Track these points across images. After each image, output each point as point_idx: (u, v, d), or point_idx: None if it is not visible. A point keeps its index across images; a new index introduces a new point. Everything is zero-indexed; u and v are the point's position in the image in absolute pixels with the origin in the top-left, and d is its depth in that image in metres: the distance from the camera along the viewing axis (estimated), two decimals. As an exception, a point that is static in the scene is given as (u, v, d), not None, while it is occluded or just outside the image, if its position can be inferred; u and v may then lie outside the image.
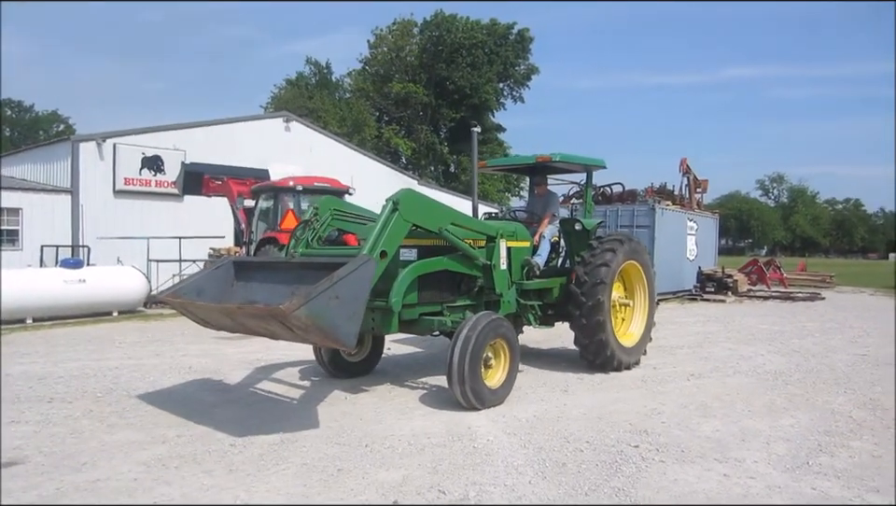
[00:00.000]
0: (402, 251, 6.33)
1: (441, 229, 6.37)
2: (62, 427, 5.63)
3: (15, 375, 7.70)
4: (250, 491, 4.18)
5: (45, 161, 19.91)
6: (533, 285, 7.72)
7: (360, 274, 5.05)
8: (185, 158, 19.89)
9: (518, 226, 7.97)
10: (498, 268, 7.00)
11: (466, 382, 5.86)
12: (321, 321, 4.73)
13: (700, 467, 4.68)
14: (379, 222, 5.88)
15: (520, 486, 4.30)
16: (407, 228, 6.03)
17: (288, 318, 4.64)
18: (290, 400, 6.59)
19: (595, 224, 8.40)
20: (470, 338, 5.89)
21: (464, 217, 6.85)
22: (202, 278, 6.46)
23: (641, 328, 8.50)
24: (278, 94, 50.52)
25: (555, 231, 8.38)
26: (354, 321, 4.95)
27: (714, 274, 19.92)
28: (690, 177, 22.15)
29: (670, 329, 12.20)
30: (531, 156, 8.32)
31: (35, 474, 4.47)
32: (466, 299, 7.12)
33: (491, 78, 51.61)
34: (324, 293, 4.73)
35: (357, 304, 5.00)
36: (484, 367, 6.12)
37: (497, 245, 7.00)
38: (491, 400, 6.15)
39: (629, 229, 17.51)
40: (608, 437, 5.35)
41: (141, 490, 4.20)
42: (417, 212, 6.13)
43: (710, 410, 6.26)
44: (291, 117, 24.89)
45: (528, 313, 7.57)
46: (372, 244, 5.67)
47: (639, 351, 8.37)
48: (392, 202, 5.96)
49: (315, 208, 7.02)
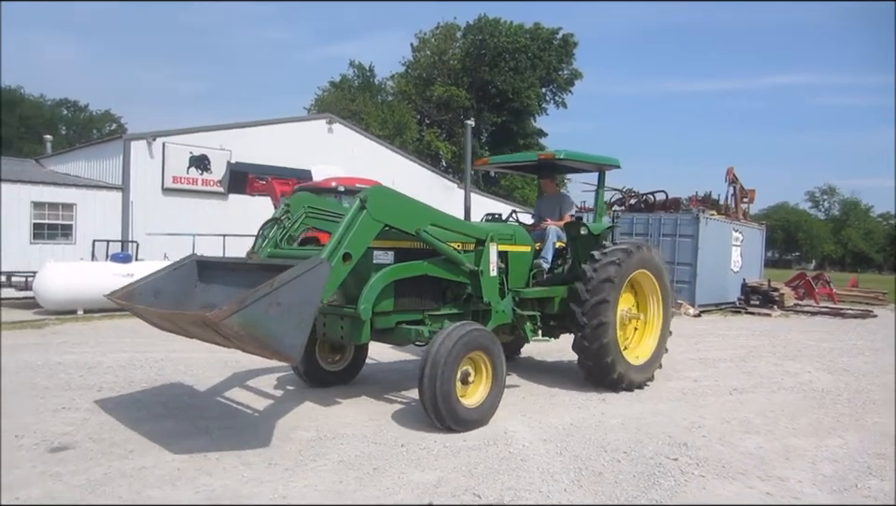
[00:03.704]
0: (377, 254, 5.88)
1: (418, 230, 5.81)
2: (110, 414, 5.82)
3: (67, 364, 7.99)
4: (288, 485, 4.25)
5: (98, 159, 20.63)
6: (530, 293, 7.12)
7: (308, 278, 4.50)
8: (230, 158, 20.39)
9: (517, 228, 7.44)
10: (487, 274, 6.41)
11: (438, 401, 5.26)
12: (257, 331, 4.24)
13: (741, 484, 4.57)
14: (343, 221, 5.35)
15: (555, 494, 4.27)
16: (377, 228, 5.49)
17: (219, 327, 4.20)
18: (329, 397, 6.67)
19: (603, 228, 7.73)
20: (441, 352, 5.29)
21: (448, 219, 6.27)
22: (161, 278, 5.85)
23: (654, 343, 7.78)
24: (322, 96, 51.26)
25: (561, 235, 7.73)
26: (299, 332, 4.44)
27: (759, 287, 19.41)
28: (736, 187, 21.66)
29: (712, 341, 11.94)
30: (534, 153, 7.94)
31: (84, 459, 4.63)
32: (452, 307, 6.54)
33: (534, 83, 51.43)
34: (261, 300, 4.23)
35: (304, 313, 4.46)
36: (463, 383, 5.57)
37: (486, 248, 6.42)
38: (470, 420, 5.52)
39: (671, 238, 17.28)
40: (646, 448, 5.27)
41: (184, 479, 4.31)
42: (389, 211, 5.57)
43: (753, 426, 6.10)
44: (334, 118, 25.26)
45: (525, 323, 6.94)
46: (334, 245, 5.16)
47: (652, 368, 7.69)
48: (359, 199, 5.44)
49: (286, 205, 6.41)
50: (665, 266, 8.09)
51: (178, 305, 5.57)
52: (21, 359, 8.27)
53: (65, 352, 8.83)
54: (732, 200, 21.64)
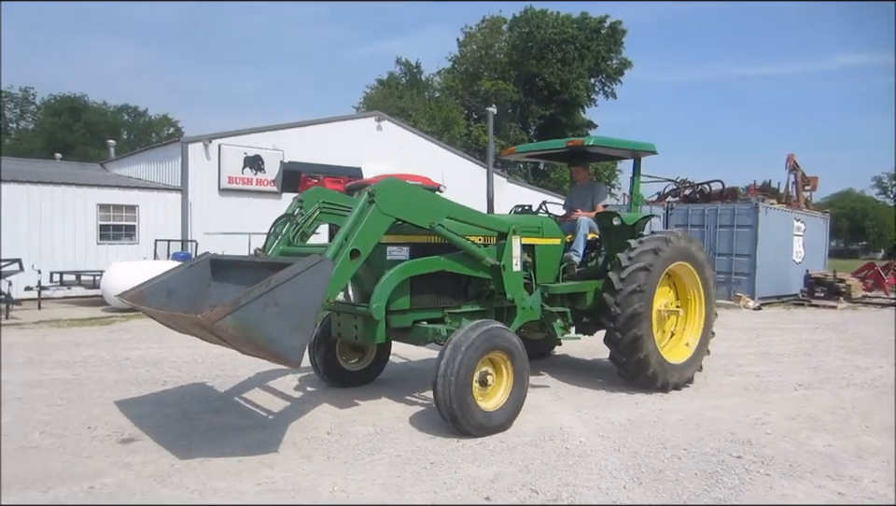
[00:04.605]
0: (391, 249, 5.63)
1: (432, 224, 5.54)
2: (175, 408, 6.03)
3: (134, 359, 8.32)
4: (347, 479, 4.31)
5: (158, 162, 21.34)
6: (560, 288, 6.78)
7: (308, 277, 4.29)
8: (283, 157, 20.78)
9: (545, 220, 7.09)
10: (510, 269, 6.11)
11: (453, 405, 4.97)
12: (253, 333, 4.07)
13: (811, 483, 4.40)
14: (351, 216, 5.10)
15: (614, 491, 4.20)
16: (387, 223, 5.25)
17: (213, 329, 4.08)
18: (383, 391, 6.74)
19: (637, 218, 7.20)
20: (457, 353, 5.01)
21: (466, 211, 5.98)
22: (174, 277, 5.66)
23: (695, 341, 7.31)
24: (370, 94, 51.74)
25: (593, 226, 7.35)
26: (299, 333, 4.25)
27: (824, 278, 18.66)
28: (797, 174, 20.88)
29: (775, 335, 11.54)
30: (562, 141, 7.54)
31: (152, 451, 4.81)
32: (473, 304, 6.28)
33: (582, 74, 50.60)
34: (257, 300, 4.06)
35: (304, 314, 4.27)
36: (482, 385, 5.27)
37: (508, 242, 6.12)
38: (489, 425, 5.21)
39: (729, 229, 16.83)
40: (707, 445, 5.13)
41: (246, 471, 4.42)
42: (399, 204, 5.31)
43: (821, 423, 5.86)
44: (383, 116, 25.43)
45: (554, 320, 6.63)
46: (340, 241, 4.94)
47: (692, 368, 7.21)
48: (367, 192, 5.19)
49: (299, 201, 6.20)
50: (709, 258, 7.54)
51: (191, 305, 5.41)
52: (91, 355, 8.66)
53: (132, 348, 9.19)
54: (793, 188, 20.90)
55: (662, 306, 7.11)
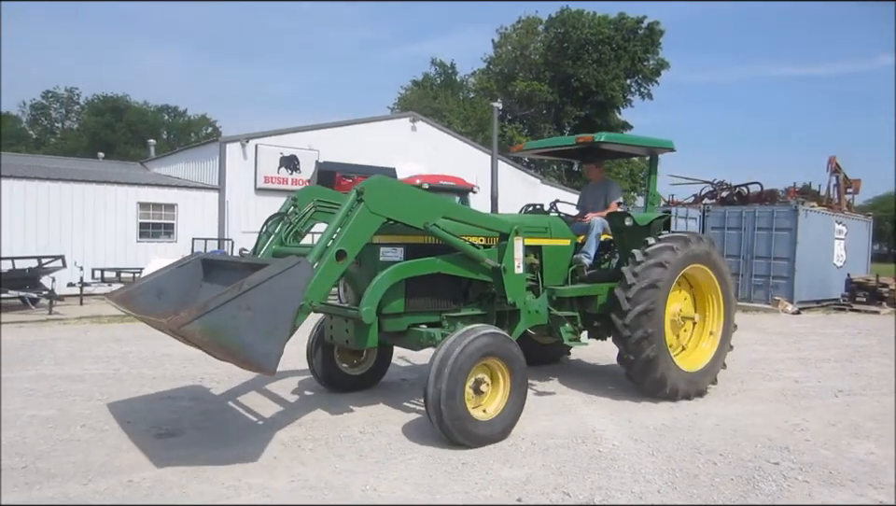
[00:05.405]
0: (384, 250, 5.43)
1: (426, 224, 5.27)
2: (211, 404, 6.16)
3: (173, 356, 8.51)
4: (379, 478, 4.35)
5: (196, 161, 21.79)
6: (568, 291, 6.53)
7: (283, 280, 4.10)
8: (318, 157, 21.02)
9: (553, 220, 6.86)
10: (511, 271, 5.83)
11: (443, 414, 4.73)
12: (223, 338, 3.90)
13: (852, 491, 4.29)
14: (337, 216, 4.93)
15: (648, 495, 4.15)
16: (376, 222, 5.03)
17: (180, 333, 3.90)
18: (412, 392, 6.75)
19: (652, 218, 6.84)
20: (447, 360, 4.78)
21: (463, 211, 5.80)
22: (165, 277, 5.48)
23: (711, 349, 6.94)
24: (404, 95, 52.01)
25: (606, 226, 7.01)
26: (273, 339, 4.08)
27: (866, 283, 18.13)
28: (839, 177, 20.32)
29: (814, 340, 11.25)
30: (572, 137, 7.22)
31: (190, 446, 4.92)
32: (473, 308, 6.02)
33: (618, 75, 50.01)
34: (228, 304, 3.88)
35: (279, 318, 4.10)
36: (476, 393, 5.02)
37: (509, 243, 5.85)
38: (483, 435, 4.95)
39: (767, 231, 16.50)
40: (744, 451, 5.03)
41: (280, 468, 4.50)
42: (389, 203, 5.07)
43: (863, 430, 5.70)
44: (417, 117, 25.54)
45: (561, 325, 6.36)
46: (325, 242, 4.76)
47: (707, 378, 6.82)
48: (356, 190, 4.96)
49: (293, 200, 6.03)
50: (726, 264, 7.18)
51: (181, 306, 5.20)
52: (131, 351, 8.89)
53: (171, 344, 9.36)
54: (834, 191, 20.35)
55: (675, 311, 6.79)
